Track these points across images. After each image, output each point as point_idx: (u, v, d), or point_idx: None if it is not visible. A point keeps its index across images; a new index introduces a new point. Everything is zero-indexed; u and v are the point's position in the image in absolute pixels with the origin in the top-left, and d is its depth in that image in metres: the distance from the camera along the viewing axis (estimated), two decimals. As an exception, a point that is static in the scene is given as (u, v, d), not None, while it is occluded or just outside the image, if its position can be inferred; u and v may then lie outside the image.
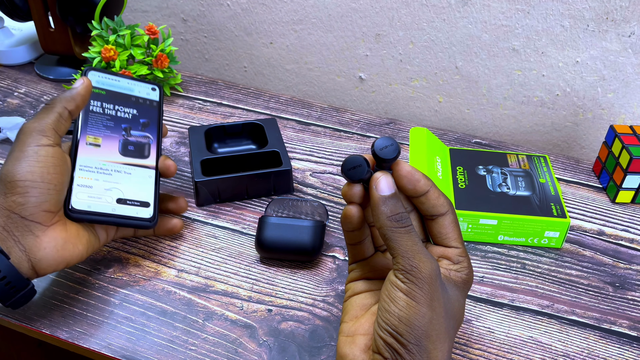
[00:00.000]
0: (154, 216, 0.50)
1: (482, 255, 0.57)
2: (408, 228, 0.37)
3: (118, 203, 0.49)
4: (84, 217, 0.47)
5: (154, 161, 0.53)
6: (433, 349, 0.36)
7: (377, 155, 0.39)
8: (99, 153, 0.51)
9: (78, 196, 0.48)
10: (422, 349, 0.35)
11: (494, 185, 0.60)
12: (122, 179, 0.50)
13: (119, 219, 0.49)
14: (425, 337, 0.35)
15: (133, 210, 0.50)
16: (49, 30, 0.80)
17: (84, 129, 0.51)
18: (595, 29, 0.70)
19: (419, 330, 0.35)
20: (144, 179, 0.52)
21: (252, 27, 0.88)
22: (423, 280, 0.36)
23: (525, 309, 0.52)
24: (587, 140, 0.80)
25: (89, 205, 0.48)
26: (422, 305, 0.35)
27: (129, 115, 0.54)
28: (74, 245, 0.47)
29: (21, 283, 0.44)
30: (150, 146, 0.54)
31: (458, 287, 0.40)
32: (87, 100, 0.49)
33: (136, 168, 0.52)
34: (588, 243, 0.59)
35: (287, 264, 0.55)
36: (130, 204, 0.50)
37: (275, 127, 0.68)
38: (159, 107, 0.57)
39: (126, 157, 0.52)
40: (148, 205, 0.50)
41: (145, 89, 0.57)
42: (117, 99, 0.54)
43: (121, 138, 0.53)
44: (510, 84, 0.78)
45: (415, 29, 0.78)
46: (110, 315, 0.50)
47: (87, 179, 0.49)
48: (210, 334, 0.48)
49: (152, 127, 0.55)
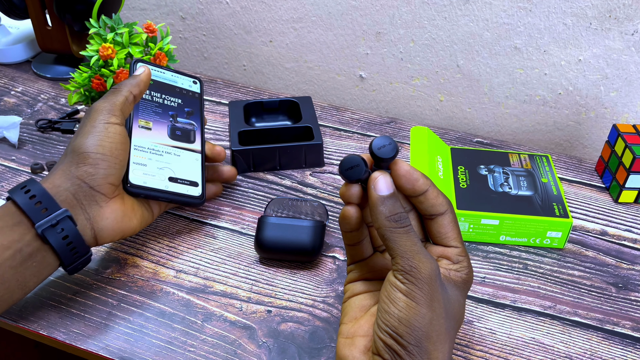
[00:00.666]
0: (203, 194, 0.55)
1: (483, 256, 0.57)
2: (407, 228, 0.37)
3: (170, 181, 0.54)
4: (141, 192, 0.52)
5: (199, 146, 0.58)
6: (433, 350, 0.35)
7: (375, 155, 0.38)
8: (150, 135, 0.55)
9: (135, 173, 0.52)
10: (423, 350, 0.35)
11: (495, 185, 0.60)
12: (172, 160, 0.55)
13: (171, 195, 0.53)
14: (425, 338, 0.35)
15: (184, 188, 0.54)
16: (46, 28, 0.80)
17: (135, 113, 0.55)
18: (598, 27, 0.70)
19: (419, 332, 0.35)
20: (191, 162, 0.56)
21: (252, 25, 0.88)
22: (422, 281, 0.36)
23: (527, 310, 0.52)
24: (590, 139, 0.79)
25: (145, 182, 0.52)
26: (421, 306, 0.35)
27: (175, 104, 0.59)
28: (130, 218, 0.50)
29: (83, 249, 0.47)
30: (195, 132, 0.58)
31: (458, 287, 0.40)
32: (147, 87, 0.54)
33: (184, 151, 0.56)
34: (591, 243, 0.59)
35: (287, 265, 0.55)
36: (181, 183, 0.54)
37: (310, 104, 0.72)
38: (200, 99, 0.61)
39: (174, 140, 0.56)
40: (197, 185, 0.55)
41: (187, 81, 0.62)
42: (163, 88, 0.59)
43: (169, 124, 0.57)
44: (512, 83, 0.78)
45: (416, 27, 0.78)
46: (108, 316, 0.50)
47: (142, 157, 0.53)
48: (209, 335, 0.48)
49: (195, 115, 0.60)
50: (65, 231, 0.45)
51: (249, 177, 0.66)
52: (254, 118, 0.74)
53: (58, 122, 0.73)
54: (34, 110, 0.77)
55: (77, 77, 0.76)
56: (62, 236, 0.45)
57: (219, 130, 0.73)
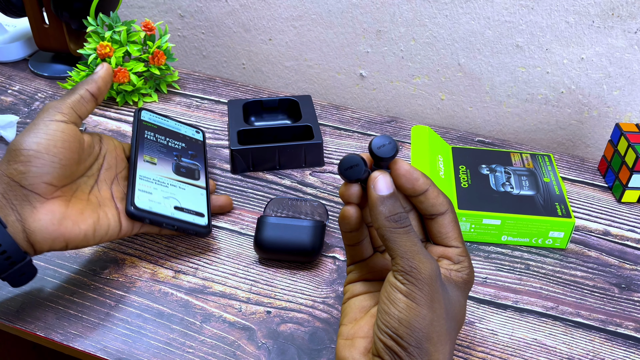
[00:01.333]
0: (209, 225, 0.55)
1: (485, 256, 0.57)
2: (407, 228, 0.37)
3: (176, 209, 0.53)
4: (146, 216, 0.51)
5: (204, 183, 0.59)
6: (434, 352, 0.35)
7: (375, 154, 0.38)
8: (155, 169, 0.56)
9: (140, 198, 0.52)
10: (423, 352, 0.35)
11: (497, 185, 0.60)
12: (178, 192, 0.55)
13: (177, 222, 0.53)
14: (426, 339, 0.35)
15: (190, 217, 0.54)
16: (44, 26, 0.80)
17: (140, 150, 0.56)
18: (600, 25, 0.70)
19: (419, 333, 0.35)
20: (196, 195, 0.57)
21: (251, 23, 0.88)
22: (423, 281, 0.36)
23: (529, 311, 0.52)
24: (593, 138, 0.79)
25: (150, 207, 0.52)
26: (422, 307, 0.35)
27: (179, 146, 0.60)
28: (74, 222, 0.47)
29: (18, 255, 0.44)
30: (199, 172, 0.60)
31: (459, 287, 0.40)
32: (108, 84, 0.52)
33: (189, 186, 0.57)
34: (593, 243, 0.59)
35: (287, 265, 0.55)
36: (187, 212, 0.54)
37: (310, 103, 0.72)
38: (203, 146, 0.63)
39: (179, 176, 0.57)
40: (203, 215, 0.55)
41: (190, 130, 0.64)
42: (167, 134, 0.61)
43: (173, 161, 0.58)
44: (514, 82, 0.78)
45: (417, 25, 0.78)
46: (106, 317, 0.49)
47: (147, 187, 0.53)
48: (208, 336, 0.48)
49: (199, 158, 0.61)
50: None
51: (248, 176, 0.66)
52: (253, 117, 0.74)
53: (55, 121, 0.73)
54: (31, 110, 0.77)
55: (75, 76, 0.76)
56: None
57: (217, 130, 0.73)
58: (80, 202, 0.48)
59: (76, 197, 0.49)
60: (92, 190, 0.50)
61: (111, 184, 0.52)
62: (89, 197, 0.50)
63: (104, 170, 0.52)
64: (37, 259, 0.54)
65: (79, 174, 0.50)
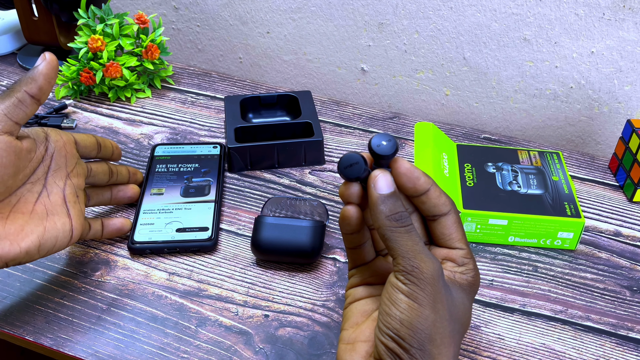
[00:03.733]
0: (212, 236, 0.56)
1: (491, 258, 0.57)
2: (408, 228, 0.37)
3: (178, 231, 0.56)
4: (146, 247, 0.55)
5: (213, 197, 0.60)
6: (437, 354, 0.35)
7: (375, 152, 0.38)
8: (161, 199, 0.60)
9: (140, 232, 0.56)
10: (426, 354, 0.35)
11: (504, 184, 0.60)
12: (183, 214, 0.58)
13: (177, 243, 0.55)
14: (429, 341, 0.35)
15: (192, 235, 0.56)
16: (33, 19, 0.80)
17: (148, 185, 0.61)
18: (611, 17, 0.70)
19: (421, 334, 0.35)
20: (203, 210, 0.59)
21: (248, 15, 0.88)
22: (425, 281, 0.36)
23: (537, 315, 0.52)
24: (603, 135, 0.79)
25: (150, 237, 0.55)
26: (424, 308, 0.35)
27: (191, 168, 0.64)
28: (11, 242, 0.44)
29: None
30: (210, 186, 0.62)
31: (464, 289, 0.40)
32: (52, 80, 0.46)
33: (196, 204, 0.59)
34: (604, 244, 0.59)
35: (285, 267, 0.55)
36: (189, 231, 0.56)
37: (310, 99, 0.72)
38: (219, 159, 0.65)
39: (187, 197, 0.60)
40: (207, 229, 0.57)
41: (206, 148, 0.67)
42: (180, 159, 0.65)
43: (183, 185, 0.61)
44: (522, 76, 0.78)
45: (421, 18, 0.78)
46: (98, 321, 0.49)
47: (150, 218, 0.57)
48: (203, 340, 0.48)
49: (212, 173, 0.63)
50: None
51: (246, 175, 0.66)
52: (251, 114, 0.74)
53: (45, 117, 0.73)
54: (19, 105, 0.76)
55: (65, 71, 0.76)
56: None
57: (214, 127, 0.73)
58: (21, 216, 0.45)
59: (16, 210, 0.45)
60: (40, 198, 0.47)
61: (64, 185, 0.49)
62: (35, 208, 0.46)
63: (52, 172, 0.48)
64: (25, 261, 0.54)
65: (16, 186, 0.46)
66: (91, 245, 0.57)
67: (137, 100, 0.78)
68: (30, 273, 0.53)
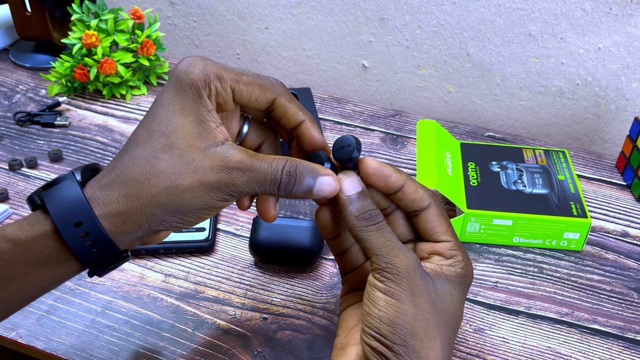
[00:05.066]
0: (209, 236, 0.57)
1: (495, 259, 0.57)
2: (379, 225, 0.38)
3: (174, 232, 0.55)
4: (141, 248, 0.55)
5: None
6: (422, 348, 0.36)
7: (335, 157, 0.39)
8: None
9: None
10: (410, 349, 0.35)
11: (508, 183, 0.60)
12: None
13: (174, 244, 0.56)
14: (411, 335, 0.35)
15: (188, 235, 0.57)
16: (25, 14, 0.80)
17: None
18: (618, 12, 0.70)
19: (402, 329, 0.35)
20: None
21: (246, 10, 0.88)
22: (400, 276, 0.36)
23: (543, 317, 0.52)
24: (610, 133, 0.79)
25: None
26: (402, 302, 0.36)
27: None
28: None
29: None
30: None
31: (452, 282, 0.39)
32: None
33: None
34: (611, 245, 0.59)
35: (284, 268, 0.55)
36: (186, 231, 0.56)
37: (310, 96, 0.71)
38: None
39: None
40: (203, 230, 0.57)
41: None
42: None
43: None
44: (527, 73, 0.78)
45: (423, 13, 0.78)
46: (92, 324, 0.49)
47: None
48: (200, 344, 0.48)
49: None
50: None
51: (244, 174, 0.66)
52: None
53: (38, 115, 0.73)
54: (11, 102, 0.76)
55: (59, 67, 0.76)
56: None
57: (211, 124, 0.73)
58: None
59: None
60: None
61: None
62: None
63: None
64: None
65: None
66: (85, 246, 0.56)
67: (132, 97, 0.78)
68: (22, 275, 0.53)
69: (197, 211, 0.37)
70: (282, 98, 0.40)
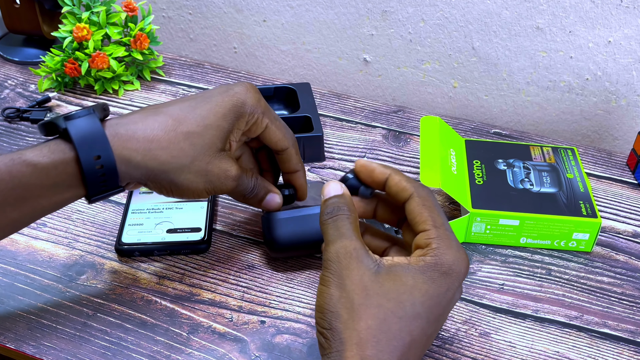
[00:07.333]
0: (205, 238, 0.57)
1: (502, 260, 0.57)
2: (335, 217, 0.41)
3: (168, 232, 0.56)
4: (135, 249, 0.55)
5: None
6: (345, 329, 0.37)
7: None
8: (151, 198, 0.60)
9: (129, 233, 0.56)
10: (335, 332, 0.37)
11: (515, 181, 0.60)
12: (173, 214, 0.59)
13: (169, 245, 0.56)
14: (335, 318, 0.38)
15: (183, 236, 0.56)
16: (14, 6, 0.79)
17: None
18: (629, 4, 0.70)
19: (328, 313, 0.38)
20: (195, 210, 0.59)
21: (243, 2, 0.88)
22: (329, 261, 0.39)
23: (551, 321, 0.52)
24: (621, 130, 0.79)
25: (139, 238, 0.56)
26: (329, 287, 0.38)
27: None
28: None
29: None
30: None
31: (421, 271, 0.39)
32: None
33: (187, 203, 0.60)
34: (622, 246, 0.59)
35: (282, 270, 0.55)
36: (180, 232, 0.57)
37: (309, 92, 0.72)
38: None
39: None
40: (199, 230, 0.57)
41: None
42: None
43: None
44: (534, 67, 0.78)
45: (427, 5, 0.78)
46: (83, 327, 0.49)
47: (139, 219, 0.58)
48: (195, 348, 0.48)
49: None
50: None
51: (240, 172, 0.66)
52: None
53: (27, 111, 0.73)
54: (0, 98, 0.76)
55: (49, 61, 0.76)
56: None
57: (206, 120, 0.73)
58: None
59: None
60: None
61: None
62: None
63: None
64: (7, 264, 0.54)
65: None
66: (76, 247, 0.56)
67: (125, 92, 0.78)
68: (11, 277, 0.53)
69: (185, 188, 0.47)
70: (292, 150, 0.51)
